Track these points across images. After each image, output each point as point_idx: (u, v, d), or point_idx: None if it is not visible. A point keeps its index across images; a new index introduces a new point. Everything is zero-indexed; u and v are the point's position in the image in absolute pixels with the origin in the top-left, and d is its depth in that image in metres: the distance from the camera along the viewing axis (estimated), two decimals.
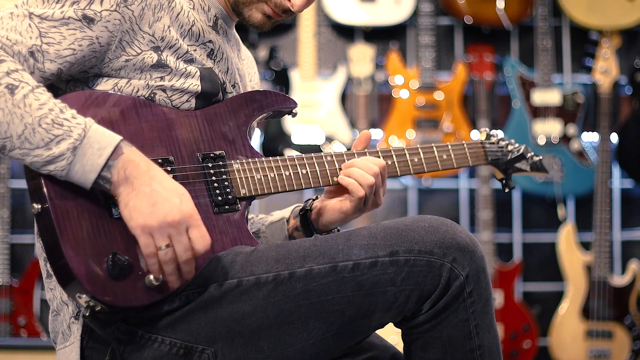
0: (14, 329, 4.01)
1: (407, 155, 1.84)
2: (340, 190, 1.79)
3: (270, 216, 1.91)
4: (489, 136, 2.00)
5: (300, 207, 1.84)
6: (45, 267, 1.64)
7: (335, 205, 1.78)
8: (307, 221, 1.82)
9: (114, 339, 1.55)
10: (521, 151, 2.00)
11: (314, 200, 1.84)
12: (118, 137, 1.47)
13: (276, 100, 1.77)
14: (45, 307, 4.08)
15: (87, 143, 1.45)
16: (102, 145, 1.46)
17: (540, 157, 2.05)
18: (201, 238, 1.47)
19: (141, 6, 1.60)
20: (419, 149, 1.86)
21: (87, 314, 1.48)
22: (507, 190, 2.00)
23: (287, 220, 1.87)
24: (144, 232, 1.45)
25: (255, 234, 1.90)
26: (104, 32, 1.57)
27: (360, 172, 1.74)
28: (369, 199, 1.75)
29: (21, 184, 4.11)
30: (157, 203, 1.45)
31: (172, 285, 1.50)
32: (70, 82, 1.62)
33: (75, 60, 1.56)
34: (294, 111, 1.80)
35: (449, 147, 1.90)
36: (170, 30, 1.63)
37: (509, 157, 1.99)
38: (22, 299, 4.03)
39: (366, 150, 1.81)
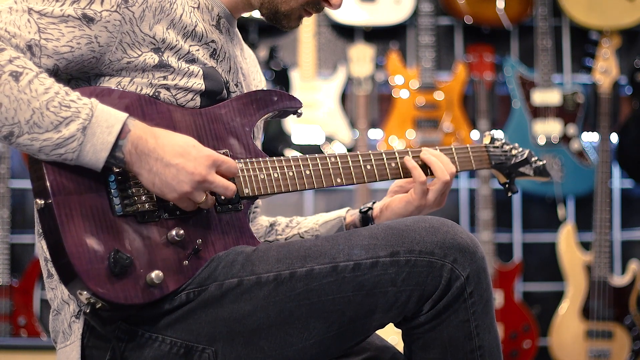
0: (14, 329, 4.01)
1: (411, 157, 1.84)
2: (403, 188, 1.87)
3: (319, 216, 1.95)
4: (493, 140, 2.00)
5: (360, 208, 1.90)
6: (46, 266, 1.65)
7: (403, 197, 1.84)
8: (368, 219, 1.88)
9: (115, 338, 1.55)
10: (525, 156, 2.00)
11: (373, 202, 1.90)
12: (124, 115, 1.50)
13: (281, 99, 1.77)
14: (45, 307, 4.08)
15: (96, 122, 1.47)
16: (110, 123, 1.48)
17: (544, 162, 2.06)
18: (230, 168, 1.56)
19: (142, 8, 1.59)
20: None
21: (88, 311, 1.49)
22: (509, 194, 2.00)
23: (344, 219, 1.91)
24: (182, 199, 1.52)
25: (306, 232, 1.92)
26: (103, 32, 1.57)
27: (440, 167, 1.81)
28: (436, 193, 1.81)
29: (21, 184, 4.11)
30: (179, 171, 1.50)
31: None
32: (72, 80, 1.62)
33: (73, 58, 1.56)
34: (299, 111, 1.81)
35: (453, 150, 1.90)
36: (170, 32, 1.63)
37: (512, 162, 1.99)
38: (22, 299, 4.03)
39: (370, 152, 1.81)
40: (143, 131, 1.51)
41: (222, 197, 1.62)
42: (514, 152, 2.00)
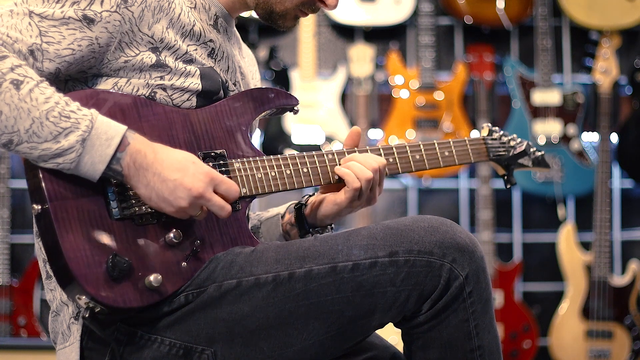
0: (14, 329, 4.01)
1: (409, 152, 1.84)
2: (337, 186, 1.79)
3: (267, 212, 1.92)
4: (491, 132, 1.98)
5: (295, 203, 1.85)
6: (44, 268, 1.64)
7: (330, 198, 1.77)
8: (302, 216, 1.82)
9: (114, 340, 1.55)
10: (523, 147, 1.99)
11: (310, 196, 1.84)
12: (123, 127, 1.50)
13: (278, 97, 1.77)
14: (45, 307, 4.08)
15: (95, 134, 1.47)
16: (110, 136, 1.48)
17: (543, 152, 2.04)
18: (229, 190, 1.54)
19: (141, 7, 1.59)
20: (421, 146, 1.85)
21: (87, 315, 1.49)
22: (508, 186, 1.99)
23: (282, 216, 1.87)
24: (178, 213, 1.52)
25: (251, 230, 1.90)
26: (103, 32, 1.56)
27: (359, 166, 1.73)
28: (364, 193, 1.74)
29: (21, 184, 4.11)
30: (177, 187, 1.49)
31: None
32: (69, 81, 1.62)
33: (74, 60, 1.56)
34: (295, 108, 1.80)
35: (451, 143, 1.89)
36: (168, 32, 1.63)
37: (511, 154, 1.98)
38: (22, 299, 4.03)
39: (367, 147, 1.81)
40: (142, 145, 1.50)
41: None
42: (512, 143, 1.99)
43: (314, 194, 1.84)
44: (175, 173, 1.49)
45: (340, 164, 1.76)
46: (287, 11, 1.74)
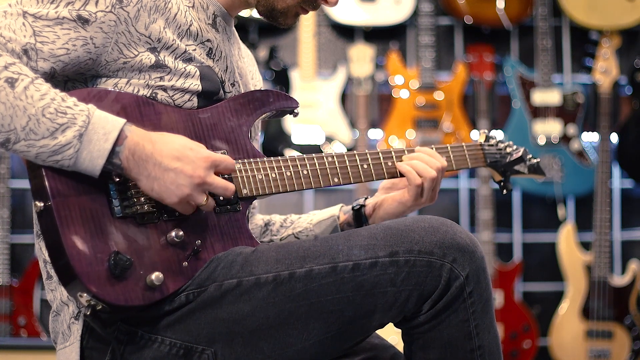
0: (14, 329, 4.01)
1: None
2: (396, 186, 1.86)
3: (312, 215, 1.94)
4: (488, 138, 2.00)
5: (353, 205, 1.89)
6: (45, 268, 1.65)
7: (395, 197, 1.84)
8: (361, 216, 1.87)
9: (114, 339, 1.55)
10: (520, 154, 2.01)
11: (365, 198, 1.89)
12: (122, 120, 1.50)
13: (278, 99, 1.77)
14: (45, 307, 4.08)
15: (92, 129, 1.47)
16: (107, 130, 1.48)
17: (539, 160, 2.06)
18: (227, 166, 1.57)
19: (137, 7, 1.59)
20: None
21: (88, 313, 1.49)
22: (504, 192, 2.01)
23: (337, 217, 1.91)
24: (181, 202, 1.52)
25: (300, 232, 1.92)
26: (98, 33, 1.56)
27: (422, 165, 1.80)
28: (426, 192, 1.80)
29: (21, 184, 4.11)
30: (177, 176, 1.50)
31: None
32: (69, 82, 1.62)
33: (69, 60, 1.55)
34: (295, 111, 1.81)
35: (449, 149, 1.90)
36: (166, 32, 1.63)
37: (507, 160, 1.99)
38: (22, 299, 4.03)
39: (367, 151, 1.81)
40: (140, 137, 1.50)
41: (221, 198, 1.61)
42: (508, 150, 2.00)
43: (367, 198, 1.90)
44: (175, 161, 1.50)
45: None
46: (289, 8, 1.74)
